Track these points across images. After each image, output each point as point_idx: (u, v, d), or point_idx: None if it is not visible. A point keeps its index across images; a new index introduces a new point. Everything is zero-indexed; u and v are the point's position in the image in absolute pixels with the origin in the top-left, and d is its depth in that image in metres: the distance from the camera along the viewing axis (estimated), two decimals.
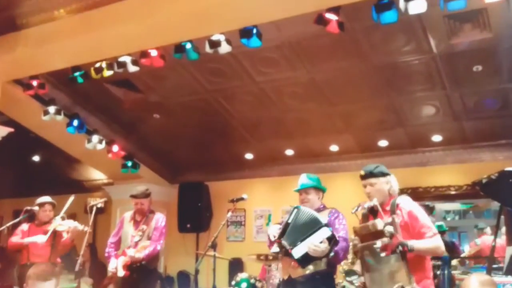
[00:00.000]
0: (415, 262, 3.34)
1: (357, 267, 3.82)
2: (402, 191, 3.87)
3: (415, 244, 3.30)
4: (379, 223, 3.40)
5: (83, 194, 9.86)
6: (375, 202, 3.55)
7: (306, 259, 3.89)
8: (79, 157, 9.32)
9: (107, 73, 6.34)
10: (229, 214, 5.14)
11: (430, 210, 8.04)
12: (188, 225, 9.26)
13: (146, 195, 5.57)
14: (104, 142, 8.26)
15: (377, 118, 7.47)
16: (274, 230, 4.20)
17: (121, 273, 5.18)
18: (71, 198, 5.78)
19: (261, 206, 9.16)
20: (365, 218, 3.69)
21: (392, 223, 3.36)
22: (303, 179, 4.38)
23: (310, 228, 3.91)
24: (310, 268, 3.91)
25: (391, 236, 3.30)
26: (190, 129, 8.52)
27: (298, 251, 3.89)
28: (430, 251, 3.42)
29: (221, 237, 8.01)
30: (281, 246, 4.03)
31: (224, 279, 8.22)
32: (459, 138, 7.54)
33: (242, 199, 5.01)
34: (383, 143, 7.97)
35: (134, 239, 5.40)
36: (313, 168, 8.24)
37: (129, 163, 8.91)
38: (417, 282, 3.25)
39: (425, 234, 3.39)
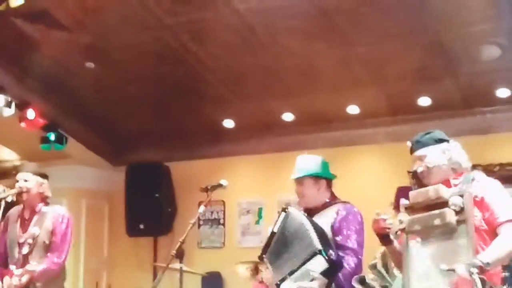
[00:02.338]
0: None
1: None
2: None
3: (487, 255, 3.28)
4: (444, 190, 3.49)
5: None
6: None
7: None
8: None
9: (14, 2, 6.30)
10: (202, 208, 5.13)
11: None
12: (141, 226, 9.33)
13: (34, 172, 5.35)
14: (13, 105, 8.22)
15: (416, 64, 7.48)
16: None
17: None
18: None
19: (247, 196, 9.24)
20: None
21: (463, 195, 3.43)
22: (298, 163, 4.53)
23: (301, 250, 4.07)
24: None
25: (459, 211, 3.37)
26: (141, 85, 8.51)
27: None
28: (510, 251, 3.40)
29: (190, 243, 8.00)
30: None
31: None
32: None
33: (220, 186, 5.01)
34: (424, 101, 8.00)
35: (22, 250, 5.26)
36: (323, 139, 8.25)
37: (52, 136, 8.91)
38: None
39: (496, 219, 3.43)
